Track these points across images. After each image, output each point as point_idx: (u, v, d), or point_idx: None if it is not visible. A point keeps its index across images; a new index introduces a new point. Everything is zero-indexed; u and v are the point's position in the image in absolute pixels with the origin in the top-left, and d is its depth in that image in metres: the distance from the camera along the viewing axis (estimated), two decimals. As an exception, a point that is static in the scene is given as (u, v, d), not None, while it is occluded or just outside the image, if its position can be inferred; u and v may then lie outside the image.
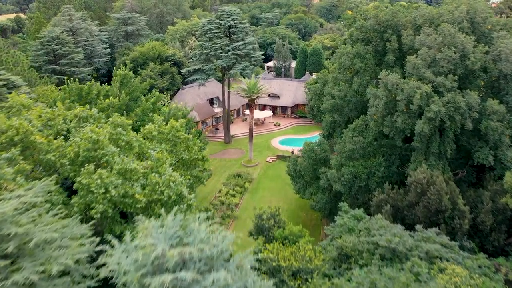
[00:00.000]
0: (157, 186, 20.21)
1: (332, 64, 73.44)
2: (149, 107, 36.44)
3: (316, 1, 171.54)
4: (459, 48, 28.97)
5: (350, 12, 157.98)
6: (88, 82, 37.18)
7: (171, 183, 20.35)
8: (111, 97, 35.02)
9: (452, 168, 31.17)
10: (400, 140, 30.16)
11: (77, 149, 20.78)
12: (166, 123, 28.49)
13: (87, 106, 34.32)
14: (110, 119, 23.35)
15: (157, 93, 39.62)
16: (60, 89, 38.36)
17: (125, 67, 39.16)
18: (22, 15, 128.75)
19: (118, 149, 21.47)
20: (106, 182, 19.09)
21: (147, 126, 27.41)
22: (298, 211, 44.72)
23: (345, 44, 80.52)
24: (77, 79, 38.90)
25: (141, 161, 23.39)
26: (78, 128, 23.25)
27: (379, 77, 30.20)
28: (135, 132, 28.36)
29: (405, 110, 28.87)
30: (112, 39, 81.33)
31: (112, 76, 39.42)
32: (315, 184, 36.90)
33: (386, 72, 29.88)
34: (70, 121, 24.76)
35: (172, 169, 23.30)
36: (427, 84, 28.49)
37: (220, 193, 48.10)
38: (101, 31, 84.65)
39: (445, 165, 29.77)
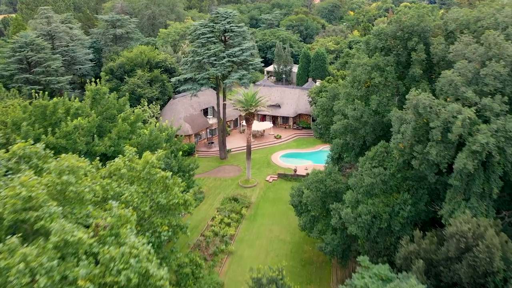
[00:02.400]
0: (112, 264, 14.29)
1: (338, 71, 67.52)
2: (125, 129, 30.41)
3: (317, 2, 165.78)
4: (508, 61, 23.07)
5: (352, 13, 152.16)
6: (54, 98, 31.24)
7: (131, 260, 14.40)
8: (79, 118, 29.08)
9: (495, 207, 25.27)
10: (432, 175, 24.23)
11: (1, 210, 14.85)
12: (140, 156, 22.54)
13: (50, 129, 28.78)
14: (58, 158, 17.40)
15: (138, 110, 33.60)
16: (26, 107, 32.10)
17: (100, 81, 33.14)
18: (9, 17, 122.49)
19: (61, 208, 15.51)
20: (33, 266, 13.15)
21: (115, 161, 21.47)
22: (303, 244, 38.74)
23: (351, 48, 74.96)
24: (46, 93, 33.03)
25: (101, 208, 17.56)
26: (10, 178, 17.24)
27: (407, 97, 24.24)
28: (103, 165, 22.62)
29: (439, 139, 22.94)
30: (99, 42, 75.17)
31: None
32: (324, 220, 30.92)
33: (417, 91, 23.92)
34: (8, 160, 18.78)
35: (137, 231, 17.39)
36: (469, 106, 22.59)
37: (213, 221, 42.11)
38: (89, 34, 78.50)
39: (489, 206, 23.86)
